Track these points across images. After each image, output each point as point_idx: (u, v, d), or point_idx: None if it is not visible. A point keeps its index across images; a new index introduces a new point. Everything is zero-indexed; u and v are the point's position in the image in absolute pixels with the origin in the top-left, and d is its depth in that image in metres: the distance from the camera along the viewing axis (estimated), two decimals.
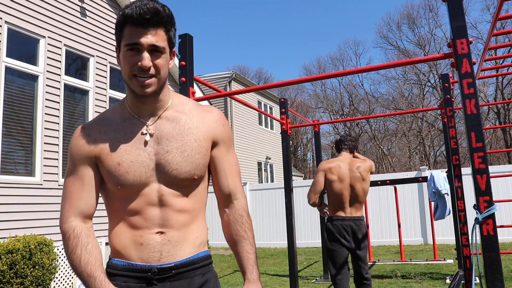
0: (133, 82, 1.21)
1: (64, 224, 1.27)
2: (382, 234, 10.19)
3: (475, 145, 2.04)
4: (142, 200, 1.24)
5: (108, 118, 1.30)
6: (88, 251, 1.22)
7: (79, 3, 6.78)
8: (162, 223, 1.24)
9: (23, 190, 5.55)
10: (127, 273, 1.25)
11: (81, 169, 1.27)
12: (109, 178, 1.25)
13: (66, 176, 1.31)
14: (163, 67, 1.23)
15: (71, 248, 1.23)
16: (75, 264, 1.21)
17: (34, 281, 4.83)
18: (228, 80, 17.45)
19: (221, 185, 1.37)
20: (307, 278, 6.48)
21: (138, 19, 1.16)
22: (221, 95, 3.67)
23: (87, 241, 1.24)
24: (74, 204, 1.27)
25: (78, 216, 1.27)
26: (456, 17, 2.22)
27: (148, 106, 1.27)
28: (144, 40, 1.18)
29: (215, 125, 1.34)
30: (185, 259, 1.26)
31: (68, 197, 1.28)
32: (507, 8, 25.13)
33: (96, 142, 1.27)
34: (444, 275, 6.08)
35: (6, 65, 5.59)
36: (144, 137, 1.26)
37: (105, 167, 1.25)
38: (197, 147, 1.28)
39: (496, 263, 1.93)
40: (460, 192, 4.67)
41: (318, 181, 3.70)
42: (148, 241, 1.23)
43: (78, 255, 1.21)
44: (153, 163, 1.24)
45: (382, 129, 35.77)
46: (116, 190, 1.25)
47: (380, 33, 43.62)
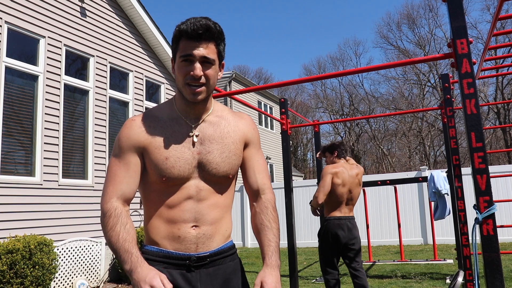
0: (186, 89, 1.36)
1: (106, 203, 1.36)
2: (382, 234, 10.19)
3: (475, 145, 2.04)
4: (181, 194, 1.38)
5: (155, 116, 1.44)
6: (126, 230, 1.32)
7: (79, 3, 6.78)
8: (197, 217, 1.38)
9: (23, 190, 5.55)
10: (167, 260, 1.38)
11: (128, 156, 1.39)
12: (155, 170, 1.37)
13: (111, 162, 1.42)
14: (212, 77, 1.37)
15: (111, 225, 1.32)
16: (113, 239, 1.30)
17: (34, 281, 4.83)
18: (228, 80, 17.45)
19: (251, 181, 1.52)
20: (307, 278, 6.48)
21: (192, 34, 1.32)
22: (221, 95, 3.67)
23: (126, 221, 1.34)
24: (117, 186, 1.38)
25: (120, 198, 1.37)
26: (456, 17, 2.22)
27: (195, 110, 1.43)
28: (197, 52, 1.33)
29: (248, 129, 1.52)
30: (217, 249, 1.42)
31: (112, 180, 1.39)
32: (507, 8, 25.13)
33: (146, 134, 1.39)
34: (444, 275, 6.08)
35: (6, 65, 5.59)
36: (192, 138, 1.40)
37: (153, 159, 1.38)
38: (234, 149, 1.45)
39: (496, 263, 1.93)
40: (460, 192, 4.67)
41: (328, 183, 3.98)
42: (185, 235, 1.37)
43: (117, 232, 1.31)
44: (196, 161, 1.39)
45: (382, 129, 35.77)
46: (160, 182, 1.38)
47: (380, 33, 43.63)
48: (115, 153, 1.41)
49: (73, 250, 5.95)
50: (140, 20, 7.89)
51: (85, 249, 6.14)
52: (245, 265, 8.22)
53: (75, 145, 6.54)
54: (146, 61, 8.17)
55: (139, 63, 7.97)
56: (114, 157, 1.41)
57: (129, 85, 7.73)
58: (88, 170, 6.61)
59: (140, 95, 7.88)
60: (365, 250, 9.40)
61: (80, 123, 6.69)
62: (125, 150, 1.39)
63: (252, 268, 7.88)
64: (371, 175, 16.75)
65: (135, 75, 7.81)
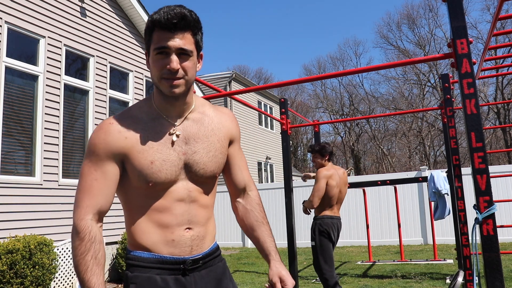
0: (163, 83, 1.26)
1: (81, 220, 1.23)
2: (382, 234, 10.19)
3: (475, 145, 2.04)
4: (170, 197, 1.30)
5: (135, 116, 1.32)
6: (97, 261, 1.22)
7: (79, 3, 6.78)
8: (190, 219, 1.32)
9: (23, 190, 5.55)
10: (161, 265, 1.29)
11: (106, 164, 1.26)
12: (139, 176, 1.27)
13: (86, 169, 1.27)
14: (190, 69, 1.28)
15: (82, 251, 1.22)
16: (81, 268, 1.20)
17: (34, 281, 4.83)
18: (228, 80, 17.45)
19: (238, 179, 1.50)
20: (307, 278, 6.48)
21: (166, 24, 1.21)
22: (221, 95, 3.67)
23: (99, 248, 1.24)
24: (94, 200, 1.25)
25: (96, 214, 1.25)
26: (456, 17, 2.22)
27: (176, 107, 1.33)
28: (172, 43, 1.23)
29: (231, 126, 1.46)
30: (208, 250, 1.38)
31: (88, 192, 1.25)
32: (507, 8, 25.13)
33: (127, 139, 1.27)
34: (444, 275, 6.08)
35: (6, 65, 5.59)
36: (172, 137, 1.31)
37: (136, 165, 1.27)
38: (220, 148, 1.39)
39: (496, 263, 1.93)
40: (460, 192, 4.67)
41: (323, 187, 4.10)
42: (179, 238, 1.31)
43: (87, 261, 1.21)
44: (182, 162, 1.31)
45: (382, 129, 35.77)
46: (146, 187, 1.28)
47: (380, 33, 43.63)
48: (90, 159, 1.27)
49: None
50: (140, 20, 7.89)
51: None
52: (245, 265, 8.22)
53: (75, 145, 6.54)
54: (146, 61, 8.17)
55: (139, 63, 7.97)
56: (89, 164, 1.27)
57: (129, 85, 7.73)
58: None
59: (140, 95, 7.88)
60: (365, 250, 9.40)
61: (80, 123, 6.69)
62: (102, 158, 1.26)
63: (252, 268, 7.88)
64: (371, 175, 16.75)
65: (135, 75, 7.81)
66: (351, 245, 10.39)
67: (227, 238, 11.80)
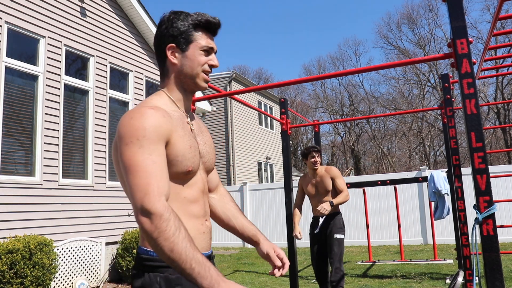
0: (202, 76, 1.38)
1: (157, 203, 1.11)
2: (382, 234, 10.19)
3: (475, 145, 2.04)
4: (197, 186, 1.34)
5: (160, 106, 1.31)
6: (190, 238, 1.13)
7: (79, 3, 6.78)
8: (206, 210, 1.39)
9: (23, 190, 5.55)
10: None
11: (160, 146, 1.21)
12: (180, 161, 1.26)
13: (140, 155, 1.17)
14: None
15: (173, 230, 1.10)
16: (179, 248, 1.08)
17: (34, 281, 4.83)
18: (228, 80, 17.45)
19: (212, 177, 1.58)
20: (307, 278, 6.48)
21: (214, 28, 1.40)
22: (221, 95, 3.67)
23: (185, 227, 1.15)
24: (161, 182, 1.16)
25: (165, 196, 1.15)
26: (456, 17, 2.22)
27: (189, 102, 1.43)
28: (215, 46, 1.42)
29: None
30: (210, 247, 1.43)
31: (150, 176, 1.14)
32: (507, 8, 25.12)
33: (171, 123, 1.28)
34: (444, 275, 6.08)
35: (6, 65, 5.59)
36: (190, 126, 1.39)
37: (179, 148, 1.27)
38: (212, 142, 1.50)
39: (496, 263, 1.93)
40: (460, 192, 4.67)
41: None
42: (206, 230, 1.35)
43: (182, 239, 1.10)
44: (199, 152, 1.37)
45: (382, 129, 35.77)
46: (183, 175, 1.29)
47: (380, 33, 43.65)
48: (141, 144, 1.17)
49: (73, 250, 5.95)
50: (140, 20, 7.89)
51: (85, 249, 6.14)
52: (245, 265, 8.22)
53: (75, 145, 6.53)
54: (146, 61, 8.17)
55: (139, 63, 7.97)
56: (141, 150, 1.17)
57: (129, 85, 7.73)
58: (88, 170, 6.61)
59: (140, 95, 7.88)
60: (365, 250, 9.40)
61: (80, 123, 6.69)
62: (154, 141, 1.19)
63: (252, 268, 7.88)
64: (371, 175, 16.74)
65: (135, 75, 7.81)
66: (351, 245, 10.38)
67: (227, 238, 11.80)
